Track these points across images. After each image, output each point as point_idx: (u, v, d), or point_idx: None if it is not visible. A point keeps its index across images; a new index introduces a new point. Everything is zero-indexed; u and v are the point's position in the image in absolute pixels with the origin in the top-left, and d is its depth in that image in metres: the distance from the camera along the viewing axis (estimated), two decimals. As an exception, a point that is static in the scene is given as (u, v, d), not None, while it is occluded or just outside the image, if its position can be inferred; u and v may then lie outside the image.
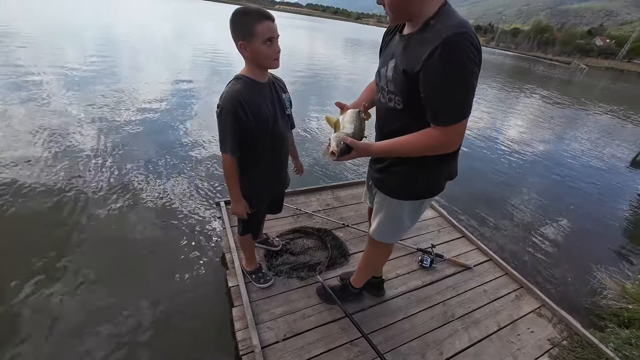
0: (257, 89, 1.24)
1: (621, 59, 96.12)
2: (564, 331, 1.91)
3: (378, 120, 1.21)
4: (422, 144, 0.99)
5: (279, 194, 1.73)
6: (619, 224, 4.18)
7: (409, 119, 1.04)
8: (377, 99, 1.20)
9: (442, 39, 0.84)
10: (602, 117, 12.27)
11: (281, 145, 1.45)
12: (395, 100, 1.06)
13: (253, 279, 1.87)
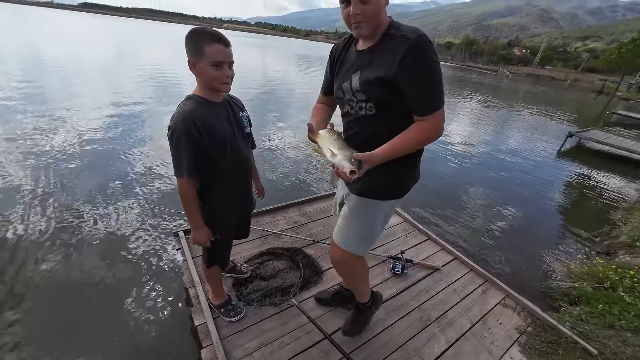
0: (211, 108, 1.20)
1: (536, 66, 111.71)
2: (528, 318, 2.04)
3: (349, 131, 1.22)
4: (417, 137, 1.05)
5: (244, 217, 1.63)
6: (555, 209, 4.70)
7: (381, 122, 1.11)
8: (344, 111, 1.24)
9: (412, 40, 0.97)
10: (529, 116, 13.97)
11: (243, 166, 1.39)
12: (366, 108, 1.11)
13: (222, 313, 1.72)
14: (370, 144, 1.04)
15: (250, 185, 1.52)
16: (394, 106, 1.07)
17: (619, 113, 16.78)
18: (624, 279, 2.54)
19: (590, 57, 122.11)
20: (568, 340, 1.88)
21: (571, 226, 4.11)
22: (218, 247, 1.47)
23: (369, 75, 1.06)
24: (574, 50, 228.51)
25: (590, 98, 32.47)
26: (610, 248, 3.40)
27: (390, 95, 1.03)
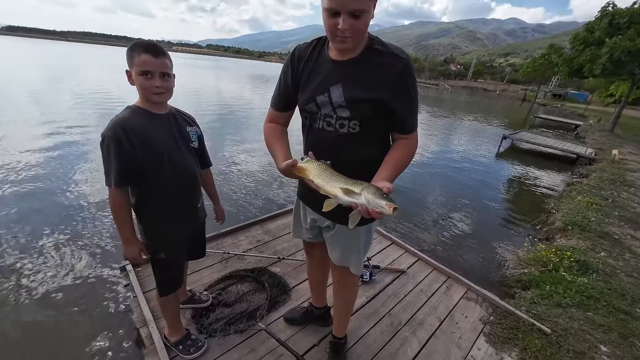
0: (149, 119, 1.19)
1: (470, 79, 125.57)
2: (489, 307, 2.15)
3: (325, 148, 1.06)
4: (409, 154, 1.05)
5: (193, 234, 1.49)
6: (501, 204, 5.15)
7: (363, 140, 1.05)
8: (315, 127, 1.08)
9: (404, 60, 0.97)
10: (470, 123, 15.45)
11: (187, 180, 1.31)
12: (349, 125, 1.03)
13: (180, 350, 1.54)
14: (350, 164, 0.99)
15: (197, 201, 1.41)
16: (378, 124, 1.04)
17: (540, 117, 19.30)
18: (563, 260, 2.83)
19: (512, 71, 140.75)
20: (525, 323, 2.01)
21: (516, 218, 4.52)
22: (165, 268, 1.36)
23: (357, 93, 0.97)
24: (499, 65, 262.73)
25: (516, 105, 37.06)
26: (549, 234, 3.79)
27: (378, 113, 1.00)
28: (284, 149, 1.09)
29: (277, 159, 1.05)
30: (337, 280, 1.44)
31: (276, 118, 1.18)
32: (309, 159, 0.96)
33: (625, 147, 10.29)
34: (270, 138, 1.14)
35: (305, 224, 1.35)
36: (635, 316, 2.25)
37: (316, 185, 0.88)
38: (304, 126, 1.16)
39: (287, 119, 1.20)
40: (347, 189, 0.82)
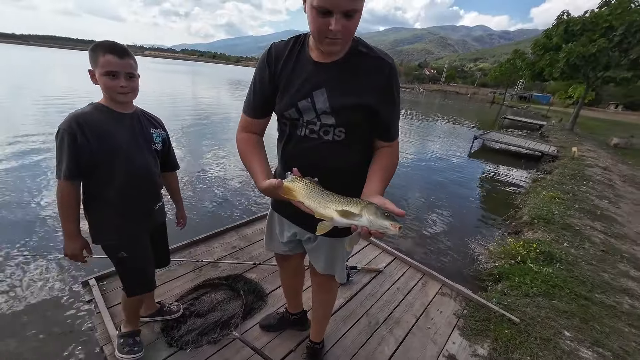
0: (111, 116, 1.19)
1: (443, 83, 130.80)
2: (462, 302, 2.21)
3: (302, 158, 0.99)
4: (394, 164, 1.02)
5: (153, 236, 1.42)
6: (473, 201, 5.36)
7: (348, 149, 0.99)
8: (297, 134, 1.00)
9: (391, 64, 0.93)
10: (444, 124, 16.03)
11: (143, 180, 1.28)
12: (334, 132, 0.96)
13: (119, 344, 1.49)
14: (336, 173, 0.97)
15: (154, 203, 1.37)
16: (363, 131, 0.99)
17: (509, 118, 20.38)
18: (530, 252, 2.97)
19: (481, 75, 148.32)
20: (496, 315, 2.09)
21: (487, 214, 4.72)
22: (131, 268, 1.34)
23: (343, 99, 0.92)
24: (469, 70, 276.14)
25: (486, 107, 38.97)
26: (517, 228, 3.98)
27: (364, 120, 0.95)
28: (262, 164, 0.98)
29: (256, 177, 0.94)
30: (318, 286, 1.42)
31: (251, 126, 1.06)
32: (293, 177, 0.86)
33: (583, 145, 11.08)
34: (246, 151, 1.02)
35: (282, 237, 1.27)
36: (595, 301, 2.39)
37: (307, 207, 0.80)
38: (282, 134, 1.07)
39: (263, 127, 1.08)
40: (344, 211, 0.74)
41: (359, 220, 0.72)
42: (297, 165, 0.90)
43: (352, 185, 0.97)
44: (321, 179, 0.85)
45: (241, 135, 1.06)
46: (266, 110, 1.05)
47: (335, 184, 0.84)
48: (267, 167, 0.99)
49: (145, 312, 1.70)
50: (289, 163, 1.04)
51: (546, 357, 1.81)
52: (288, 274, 1.57)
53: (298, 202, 0.82)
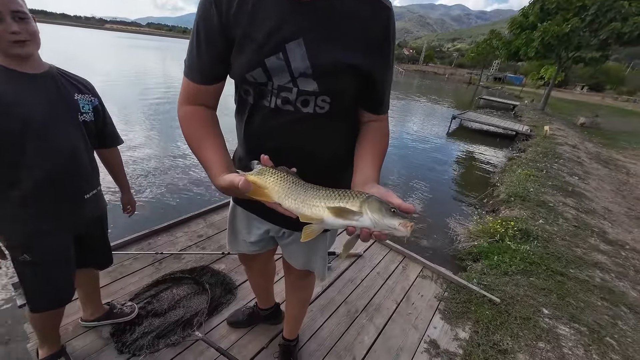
0: (13, 79, 0.91)
1: (422, 64, 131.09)
2: (443, 284, 2.14)
3: (271, 139, 0.77)
4: (387, 143, 0.82)
5: (82, 232, 1.16)
6: (452, 181, 5.38)
7: (332, 124, 0.77)
8: (265, 106, 0.74)
9: (388, 10, 0.70)
10: (423, 104, 16.07)
11: (67, 162, 1.01)
12: (316, 103, 0.72)
13: None
14: (318, 159, 0.77)
15: (83, 189, 1.09)
16: (351, 102, 0.78)
17: (484, 98, 20.78)
18: (508, 230, 2.97)
19: (459, 56, 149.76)
20: (477, 296, 2.04)
21: (465, 193, 4.74)
22: (31, 274, 1.05)
23: (330, 54, 0.67)
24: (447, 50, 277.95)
25: (463, 88, 39.60)
26: (495, 206, 4.01)
27: (355, 85, 0.73)
28: (218, 151, 0.71)
29: (210, 171, 0.68)
30: (293, 283, 1.24)
31: (198, 96, 0.75)
32: (263, 168, 0.64)
33: (554, 124, 11.48)
34: (193, 133, 0.73)
35: (249, 236, 1.05)
36: (570, 276, 2.42)
37: (286, 209, 0.61)
38: (242, 105, 0.80)
39: (216, 96, 0.78)
40: (339, 209, 0.56)
41: (359, 219, 0.55)
42: (265, 149, 0.67)
43: (341, 175, 0.79)
44: (300, 167, 0.65)
45: (185, 109, 0.75)
46: (218, 72, 0.74)
47: (319, 174, 0.66)
48: (224, 155, 0.71)
49: (92, 316, 1.47)
50: (253, 147, 0.81)
51: (526, 337, 1.78)
52: (255, 274, 1.39)
53: (273, 203, 0.61)
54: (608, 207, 4.22)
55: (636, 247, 3.20)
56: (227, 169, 0.67)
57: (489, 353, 1.65)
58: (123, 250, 1.98)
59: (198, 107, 0.76)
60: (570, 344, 1.78)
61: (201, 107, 0.76)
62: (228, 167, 0.68)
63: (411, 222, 0.53)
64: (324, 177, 0.63)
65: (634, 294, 2.41)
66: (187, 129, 0.75)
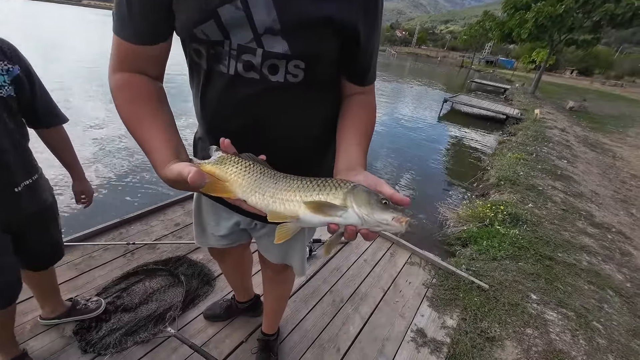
0: None
1: (414, 46, 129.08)
2: (432, 270, 2.08)
3: (244, 112, 0.62)
4: (374, 119, 0.69)
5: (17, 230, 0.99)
6: (442, 165, 5.32)
7: (310, 96, 0.63)
8: (222, 73, 0.59)
9: None
10: (415, 87, 15.84)
11: None
12: (288, 69, 0.58)
13: None
14: (285, 140, 0.64)
15: (11, 180, 0.92)
16: (329, 69, 0.64)
17: (476, 81, 20.65)
18: (497, 214, 2.93)
19: (451, 38, 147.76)
20: (465, 282, 1.99)
21: (455, 177, 4.69)
22: None
23: (305, 6, 0.53)
24: (440, 32, 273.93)
25: (455, 71, 39.28)
26: (485, 190, 3.97)
27: (335, 48, 0.60)
28: (163, 132, 0.55)
29: (153, 156, 0.53)
30: (270, 278, 1.14)
31: (136, 60, 0.57)
32: (222, 156, 0.52)
33: (544, 108, 11.50)
34: (131, 109, 0.57)
35: (218, 229, 0.93)
36: (558, 260, 2.40)
37: (252, 205, 0.50)
38: (195, 71, 0.64)
39: (159, 61, 0.60)
40: (318, 203, 0.45)
41: (343, 215, 0.45)
42: (225, 129, 0.56)
43: (319, 160, 0.68)
44: (269, 152, 0.54)
45: (118, 78, 0.57)
46: (159, 28, 0.56)
47: (293, 161, 0.58)
48: (172, 137, 0.56)
49: (52, 314, 1.34)
50: (212, 126, 0.67)
51: (514, 323, 1.75)
52: (230, 268, 1.27)
53: (238, 200, 0.50)
54: (595, 190, 4.25)
55: (622, 230, 3.22)
56: (175, 155, 0.53)
57: (476, 341, 1.60)
58: (91, 241, 1.84)
59: (135, 75, 0.58)
60: (558, 329, 1.75)
61: (140, 75, 0.58)
62: (177, 154, 0.53)
63: (406, 217, 0.45)
64: (300, 164, 0.53)
65: (620, 277, 2.42)
66: (122, 105, 0.57)
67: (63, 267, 1.65)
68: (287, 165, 0.51)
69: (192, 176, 0.43)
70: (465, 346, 1.56)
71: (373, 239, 0.47)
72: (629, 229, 3.31)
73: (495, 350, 1.58)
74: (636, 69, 58.74)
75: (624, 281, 2.38)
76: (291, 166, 0.50)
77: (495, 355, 1.56)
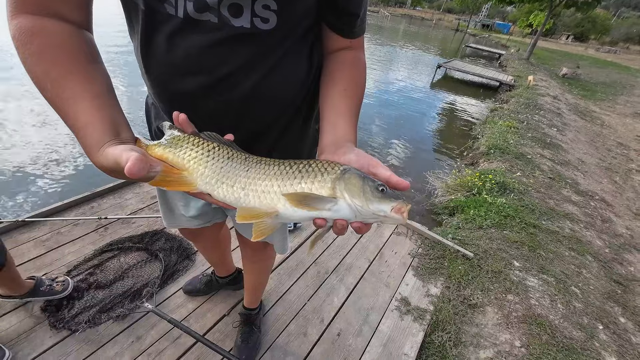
0: None
1: (409, 7, 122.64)
2: (418, 240, 2.07)
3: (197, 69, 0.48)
4: (364, 80, 0.57)
5: None
6: (433, 134, 5.23)
7: (278, 49, 0.49)
8: (171, 14, 0.45)
9: None
10: (409, 52, 15.21)
11: None
12: (255, 11, 0.44)
13: None
14: (254, 109, 0.51)
15: None
16: (309, 13, 0.50)
17: (471, 46, 19.93)
18: (486, 183, 2.91)
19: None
20: (451, 251, 1.99)
21: (446, 146, 4.62)
22: None
23: None
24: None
25: (450, 34, 37.77)
26: (474, 159, 3.93)
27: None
28: (93, 100, 0.41)
29: (80, 135, 0.40)
30: (250, 256, 1.07)
31: None
32: (178, 136, 0.43)
33: (537, 74, 11.28)
34: (50, 69, 0.40)
35: (187, 210, 0.82)
36: (542, 228, 2.43)
37: (218, 200, 0.41)
38: (132, 16, 0.49)
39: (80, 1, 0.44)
40: (301, 195, 0.37)
41: (333, 208, 0.38)
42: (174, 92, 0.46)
43: (300, 135, 0.58)
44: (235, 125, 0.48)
45: (24, 22, 0.40)
46: None
47: (266, 136, 0.50)
48: (108, 109, 0.41)
49: (5, 293, 1.25)
50: (159, 89, 0.52)
51: (496, 290, 1.78)
52: (206, 248, 1.20)
53: (199, 193, 0.41)
54: (582, 159, 4.27)
55: (604, 197, 3.28)
56: (112, 133, 0.39)
57: (459, 308, 1.63)
58: (60, 216, 1.72)
59: (50, 19, 0.41)
60: (538, 294, 1.80)
61: (57, 20, 0.41)
62: (115, 131, 0.40)
63: (408, 205, 0.37)
64: (275, 141, 0.44)
65: (599, 243, 2.49)
66: (29, 60, 0.40)
67: (29, 244, 1.55)
68: (256, 140, 0.40)
69: (130, 165, 0.32)
70: (447, 313, 1.58)
71: (366, 231, 0.39)
72: (611, 197, 3.38)
73: (476, 317, 1.61)
74: (631, 35, 57.84)
75: (603, 247, 2.45)
76: (264, 144, 0.41)
77: (476, 321, 1.60)
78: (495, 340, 1.50)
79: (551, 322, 1.62)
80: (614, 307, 1.84)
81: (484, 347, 1.47)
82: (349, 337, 1.43)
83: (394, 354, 1.40)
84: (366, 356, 1.37)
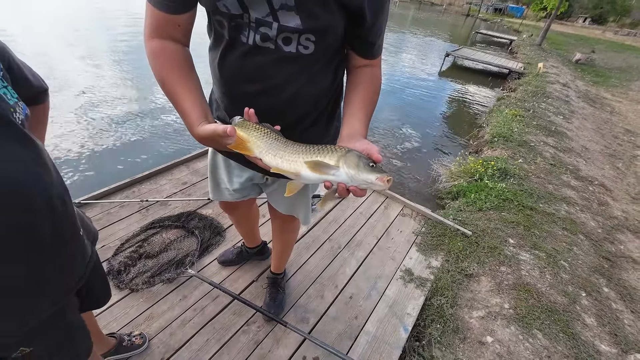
0: None
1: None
2: (421, 220, 2.29)
3: (260, 78, 0.70)
4: (378, 91, 0.77)
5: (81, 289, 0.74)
6: (439, 122, 5.35)
7: (315, 67, 0.71)
8: (244, 41, 0.66)
9: None
10: (419, 39, 15.03)
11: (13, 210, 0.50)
12: (300, 42, 0.66)
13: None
14: (295, 106, 0.72)
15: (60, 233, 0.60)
16: (338, 42, 0.71)
17: (481, 32, 19.48)
18: (488, 170, 3.08)
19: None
20: (451, 230, 2.20)
21: (451, 134, 4.76)
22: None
23: None
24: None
25: (461, 20, 36.74)
26: (478, 147, 4.08)
27: (346, 23, 0.67)
28: (195, 96, 0.67)
29: (188, 118, 0.65)
30: (279, 227, 1.30)
31: (168, 28, 0.66)
32: (246, 122, 0.65)
33: (549, 61, 11.09)
34: (166, 74, 0.67)
35: (231, 184, 1.04)
36: (539, 210, 2.61)
37: (266, 163, 0.63)
38: (217, 39, 0.72)
39: (185, 29, 0.69)
40: (316, 162, 0.56)
41: (335, 174, 0.56)
42: (241, 92, 0.68)
43: (326, 127, 0.77)
44: (280, 115, 0.67)
45: (153, 45, 0.66)
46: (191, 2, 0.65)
47: (301, 126, 0.69)
48: (202, 101, 0.68)
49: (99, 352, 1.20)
50: (228, 89, 0.76)
51: (491, 263, 1.99)
52: (239, 219, 1.44)
53: (255, 158, 0.64)
54: (586, 146, 4.36)
55: (604, 183, 3.41)
56: (205, 117, 0.66)
57: (456, 277, 1.85)
58: (108, 199, 1.99)
59: (167, 41, 0.67)
60: (529, 267, 2.00)
61: (172, 42, 0.68)
62: (206, 115, 0.66)
63: (389, 176, 0.54)
64: (305, 130, 0.64)
65: (593, 224, 2.66)
66: (157, 69, 0.68)
67: (86, 222, 1.82)
68: (293, 129, 0.62)
69: (230, 129, 0.58)
70: (446, 281, 1.80)
71: (361, 195, 0.59)
72: (611, 182, 3.50)
73: (471, 284, 1.83)
74: (653, 16, 54.96)
75: (596, 227, 2.62)
76: (299, 131, 0.62)
77: (471, 288, 1.82)
78: (487, 303, 1.72)
79: (538, 289, 1.83)
80: (599, 279, 2.03)
81: (476, 309, 1.70)
82: (360, 300, 1.67)
83: (398, 313, 1.64)
84: (374, 315, 1.61)
